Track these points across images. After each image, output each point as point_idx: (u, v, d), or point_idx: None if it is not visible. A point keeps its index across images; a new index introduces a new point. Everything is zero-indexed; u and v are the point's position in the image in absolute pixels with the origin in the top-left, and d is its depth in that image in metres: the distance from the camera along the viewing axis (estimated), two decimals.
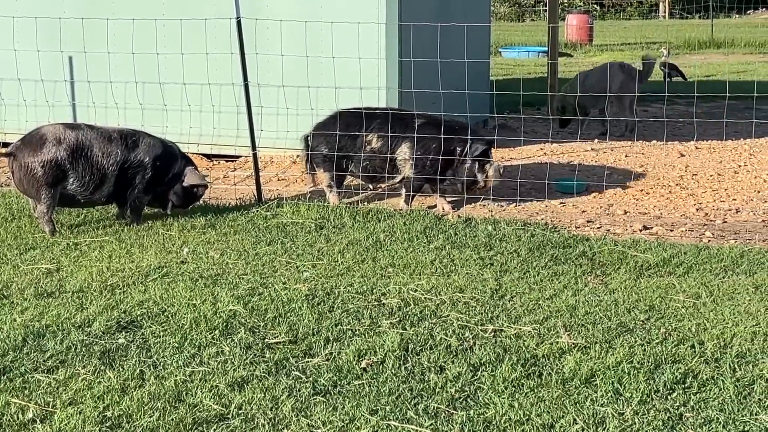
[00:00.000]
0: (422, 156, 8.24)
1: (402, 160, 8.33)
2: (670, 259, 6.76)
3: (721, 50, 27.92)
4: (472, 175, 8.24)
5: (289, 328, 5.40)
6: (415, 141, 8.23)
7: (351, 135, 8.42)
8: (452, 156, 8.22)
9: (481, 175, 8.22)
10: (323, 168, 8.59)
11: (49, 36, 10.57)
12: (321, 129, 8.61)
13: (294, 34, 9.93)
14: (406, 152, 8.29)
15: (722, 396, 4.55)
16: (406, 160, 8.31)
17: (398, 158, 8.34)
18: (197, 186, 7.99)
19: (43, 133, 7.44)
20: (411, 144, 8.26)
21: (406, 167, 8.33)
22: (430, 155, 8.23)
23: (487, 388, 4.64)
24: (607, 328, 5.39)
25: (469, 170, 8.22)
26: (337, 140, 8.39)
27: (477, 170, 8.22)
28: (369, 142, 8.39)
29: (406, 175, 8.38)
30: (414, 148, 8.25)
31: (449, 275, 6.41)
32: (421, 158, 8.24)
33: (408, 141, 8.28)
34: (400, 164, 8.36)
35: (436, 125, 8.30)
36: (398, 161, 8.35)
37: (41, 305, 5.75)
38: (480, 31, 12.18)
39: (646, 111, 14.29)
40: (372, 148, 8.38)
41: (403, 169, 8.36)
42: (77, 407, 4.41)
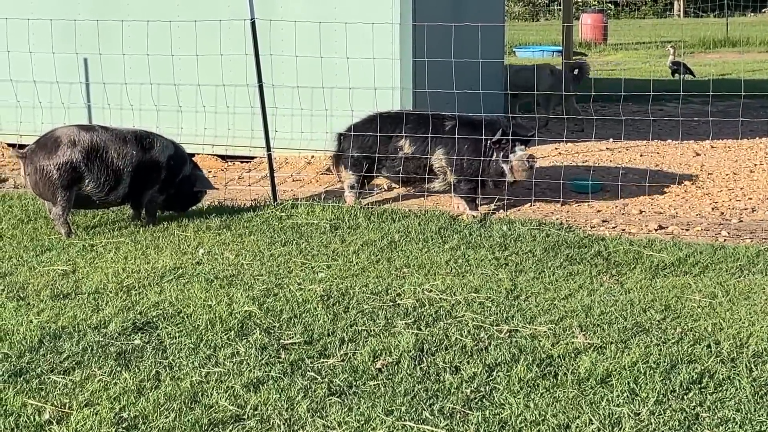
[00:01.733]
0: (459, 158, 8.13)
1: (439, 165, 8.25)
2: (685, 259, 6.74)
3: (737, 49, 27.83)
4: (500, 172, 8.11)
5: (305, 329, 5.40)
6: (450, 144, 8.14)
7: (384, 138, 8.33)
8: (485, 154, 8.10)
9: (507, 169, 8.06)
10: (351, 170, 8.53)
11: (65, 38, 10.60)
12: (354, 131, 8.55)
13: (308, 35, 9.94)
14: (441, 156, 8.20)
15: (739, 396, 4.53)
16: (443, 165, 8.23)
17: (434, 163, 8.26)
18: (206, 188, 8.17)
19: (57, 135, 7.47)
20: (446, 148, 8.18)
21: (447, 171, 8.24)
22: (464, 156, 8.13)
23: (503, 388, 4.64)
24: (623, 328, 5.38)
25: (496, 167, 8.11)
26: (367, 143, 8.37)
27: (504, 165, 8.06)
28: (401, 147, 8.30)
29: (448, 180, 8.25)
30: (449, 151, 8.16)
31: (464, 275, 6.41)
32: (458, 160, 8.13)
33: (442, 144, 8.20)
34: (437, 169, 8.27)
35: (468, 125, 8.18)
36: (435, 166, 8.27)
37: (57, 306, 5.77)
38: (494, 31, 12.16)
39: (662, 110, 14.26)
40: (405, 153, 8.29)
41: (441, 173, 8.27)
42: (93, 408, 4.42)
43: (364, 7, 10.04)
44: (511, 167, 8.03)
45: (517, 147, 8.05)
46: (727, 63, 23.50)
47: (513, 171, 8.04)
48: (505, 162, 8.04)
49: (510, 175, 8.08)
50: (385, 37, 9.94)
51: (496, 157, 8.07)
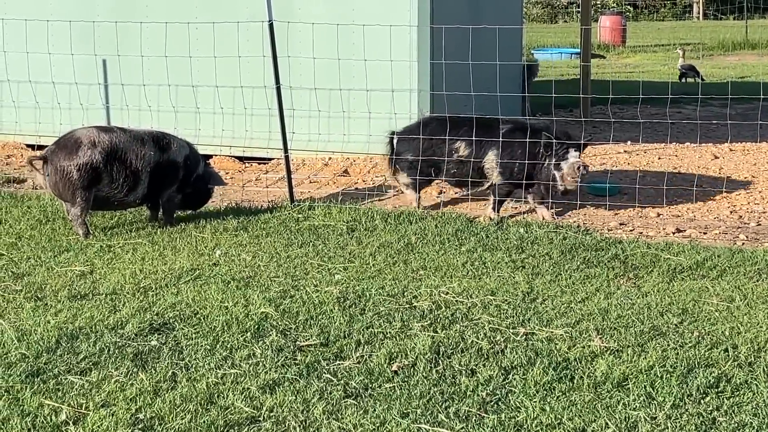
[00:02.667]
0: (508, 161, 8.07)
1: (489, 167, 8.20)
2: (703, 262, 6.72)
3: (756, 51, 27.71)
4: (552, 178, 8.01)
5: (321, 331, 5.41)
6: (502, 146, 8.09)
7: (438, 142, 8.28)
8: (536, 159, 8.03)
9: (559, 176, 7.96)
10: (407, 173, 8.48)
11: (83, 39, 10.64)
12: (408, 134, 8.51)
13: (326, 37, 9.96)
14: (492, 159, 8.17)
15: (756, 400, 4.51)
16: (493, 167, 8.18)
17: (485, 165, 8.21)
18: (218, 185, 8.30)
19: (77, 136, 7.50)
20: (497, 150, 8.14)
21: (494, 174, 8.19)
22: (516, 160, 8.09)
23: (519, 391, 4.63)
24: (640, 332, 5.36)
25: (547, 172, 8.01)
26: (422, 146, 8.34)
27: (556, 171, 7.97)
28: (456, 149, 8.25)
29: (493, 182, 8.22)
30: (500, 153, 8.12)
31: (481, 278, 6.40)
32: (507, 164, 8.11)
33: (494, 147, 8.14)
34: (487, 171, 8.22)
35: (521, 129, 8.15)
36: (486, 168, 8.22)
37: (75, 307, 5.79)
38: (512, 33, 12.15)
39: (680, 112, 14.21)
40: (460, 155, 8.24)
41: (491, 175, 8.23)
42: (110, 409, 4.43)
43: (381, 9, 10.04)
44: (561, 174, 7.94)
45: (569, 154, 7.94)
46: (746, 65, 23.41)
47: (563, 178, 7.95)
48: (557, 168, 7.96)
49: (560, 182, 7.98)
50: (403, 39, 9.95)
51: (548, 162, 7.99)
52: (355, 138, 10.22)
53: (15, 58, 10.93)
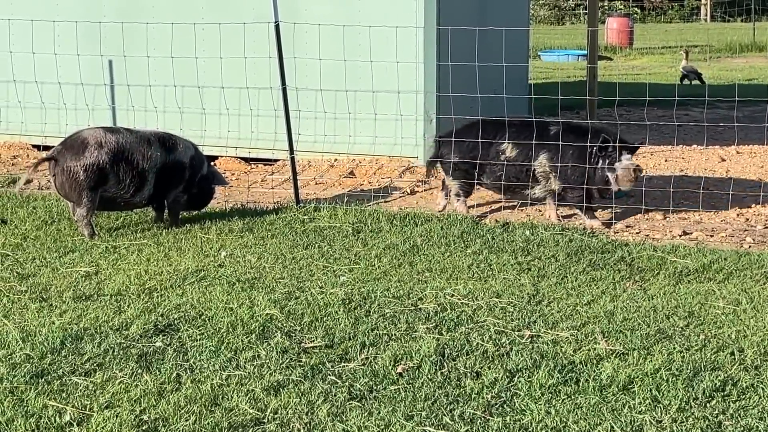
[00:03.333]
0: (563, 165, 7.94)
1: (542, 171, 8.05)
2: (710, 265, 6.70)
3: (764, 53, 27.66)
4: (605, 181, 7.89)
5: (326, 333, 5.40)
6: (555, 150, 7.93)
7: (484, 144, 8.14)
8: (589, 162, 7.88)
9: (612, 178, 7.84)
10: (453, 176, 8.34)
11: (89, 40, 10.65)
12: (453, 136, 8.34)
13: (332, 38, 9.94)
14: (545, 162, 8.02)
15: (762, 404, 4.49)
16: (547, 171, 8.04)
17: (537, 169, 8.05)
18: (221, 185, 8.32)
19: (84, 137, 7.50)
20: (550, 153, 7.99)
21: (550, 178, 8.04)
22: (569, 163, 7.92)
23: (524, 394, 4.61)
24: (646, 335, 5.34)
25: (601, 175, 7.87)
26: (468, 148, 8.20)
27: (610, 174, 7.83)
28: (503, 151, 8.13)
29: (551, 187, 8.08)
30: (553, 157, 7.97)
31: (486, 280, 6.39)
32: (563, 167, 7.95)
33: (546, 150, 7.99)
34: (540, 175, 8.07)
35: (573, 131, 8.00)
36: (537, 172, 8.07)
37: (80, 308, 5.79)
38: (518, 35, 12.13)
39: (687, 115, 14.18)
40: (507, 158, 8.10)
41: (544, 180, 8.08)
42: (114, 410, 4.42)
43: (388, 11, 10.03)
44: (616, 176, 7.81)
45: (623, 156, 7.82)
46: (753, 68, 23.36)
47: (618, 180, 7.83)
48: (611, 170, 7.83)
49: (614, 185, 7.85)
50: (409, 41, 9.93)
51: (602, 165, 7.86)
52: (361, 139, 10.22)
53: (21, 59, 10.94)
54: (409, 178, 9.72)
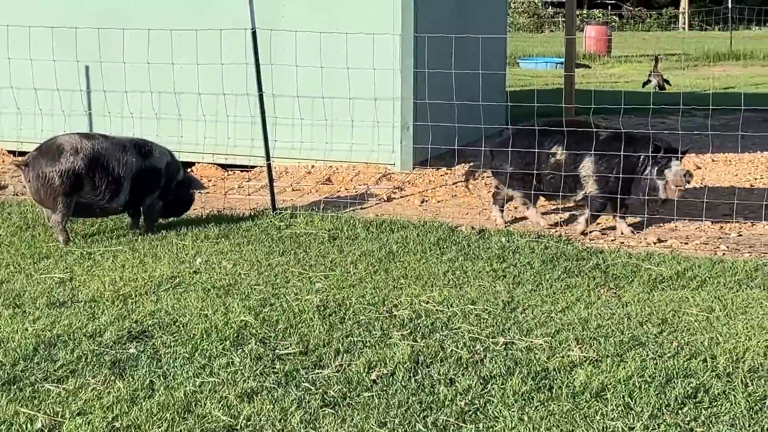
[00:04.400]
0: (605, 172, 7.82)
1: (585, 176, 7.92)
2: (684, 273, 6.73)
3: (740, 62, 27.82)
4: (653, 189, 7.74)
5: (300, 339, 5.39)
6: (599, 156, 7.82)
7: (534, 152, 7.99)
8: (634, 170, 7.76)
9: (662, 186, 7.70)
10: (511, 187, 8.21)
11: (66, 45, 10.61)
12: (503, 146, 8.21)
13: (309, 45, 9.95)
14: (588, 167, 7.91)
15: (733, 411, 4.52)
16: (588, 176, 7.91)
17: (581, 174, 7.92)
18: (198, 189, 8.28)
19: (60, 143, 7.47)
20: (593, 159, 7.86)
21: (589, 183, 7.93)
22: (613, 170, 7.79)
23: (497, 401, 4.62)
24: (619, 342, 5.36)
25: (649, 183, 7.73)
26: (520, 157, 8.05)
27: (659, 181, 7.70)
28: (553, 155, 7.98)
29: (587, 192, 7.96)
30: (597, 163, 7.85)
31: (461, 287, 6.40)
32: (604, 174, 7.83)
33: (590, 156, 7.86)
34: (583, 180, 7.94)
35: (620, 138, 7.82)
36: (581, 177, 7.93)
37: (53, 315, 5.76)
38: (496, 42, 12.18)
39: (664, 123, 14.24)
40: (556, 162, 7.95)
41: (586, 185, 7.95)
42: (86, 417, 4.41)
43: (365, 18, 10.04)
44: (665, 184, 7.70)
45: (672, 162, 7.69)
46: (730, 76, 23.50)
47: (667, 188, 7.70)
48: (660, 178, 7.71)
49: (663, 192, 7.73)
50: (387, 48, 9.95)
51: (651, 172, 7.74)
52: (338, 146, 10.23)
53: None
54: (386, 185, 9.72)
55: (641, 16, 51.81)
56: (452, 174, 10.12)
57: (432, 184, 9.81)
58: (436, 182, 9.86)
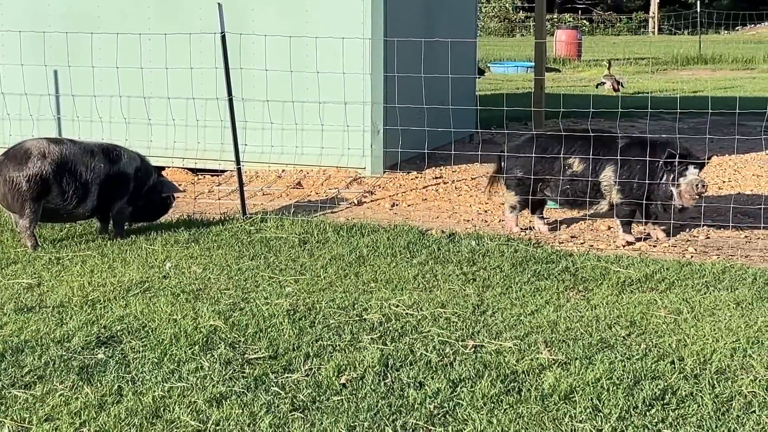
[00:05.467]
0: (627, 179, 7.75)
1: (607, 185, 7.84)
2: (652, 275, 6.76)
3: (709, 66, 28.03)
4: (668, 196, 7.68)
5: (270, 344, 5.38)
6: (620, 163, 7.74)
7: (548, 158, 7.96)
8: (653, 177, 7.69)
9: (676, 193, 7.64)
10: (514, 191, 8.15)
11: (34, 50, 10.56)
12: (515, 151, 8.17)
13: (279, 50, 9.95)
14: (610, 176, 7.82)
15: (701, 412, 4.55)
16: (611, 184, 7.83)
17: (602, 182, 7.85)
18: (173, 195, 8.20)
19: (27, 147, 7.43)
20: (615, 167, 7.78)
21: (612, 192, 7.86)
22: (635, 178, 7.73)
23: (466, 404, 4.63)
24: (588, 344, 5.39)
25: (664, 191, 7.68)
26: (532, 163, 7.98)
27: (674, 189, 7.63)
28: (570, 165, 7.92)
29: (614, 201, 7.88)
30: (618, 171, 7.77)
31: (431, 290, 6.41)
32: (626, 182, 7.76)
33: (612, 164, 7.79)
34: (605, 188, 7.87)
35: (641, 145, 7.77)
36: (603, 185, 7.86)
37: (21, 320, 5.72)
38: (466, 47, 12.21)
39: (633, 126, 14.32)
40: (573, 172, 7.90)
41: (609, 194, 7.88)
42: (53, 423, 4.38)
43: (335, 22, 10.05)
44: (679, 191, 7.61)
45: (688, 170, 7.61)
46: (699, 80, 23.66)
47: (681, 196, 7.62)
48: (675, 185, 7.63)
49: (678, 200, 7.65)
50: (356, 52, 9.96)
51: (666, 179, 7.66)
52: (309, 150, 10.23)
53: None
54: (357, 189, 9.73)
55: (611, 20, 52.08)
56: (422, 178, 10.14)
57: (402, 188, 9.82)
58: (406, 186, 9.87)
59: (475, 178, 10.26)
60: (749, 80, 23.34)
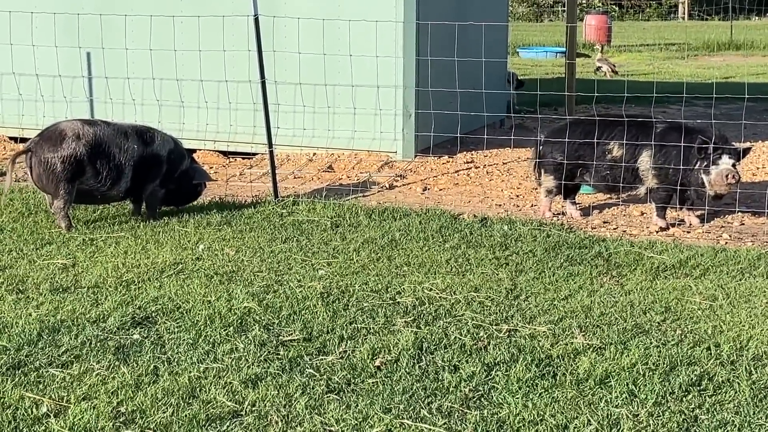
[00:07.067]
0: (663, 165, 7.71)
1: (644, 170, 7.82)
2: (686, 261, 6.73)
3: (741, 52, 27.80)
4: (701, 183, 7.64)
5: (304, 326, 5.39)
6: (656, 149, 7.71)
7: (589, 143, 7.94)
8: (688, 163, 7.63)
9: (707, 180, 7.59)
10: (553, 175, 8.11)
11: (67, 32, 10.60)
12: (555, 135, 8.16)
13: (311, 32, 9.93)
14: (646, 161, 7.79)
15: (738, 399, 4.52)
16: (648, 169, 7.80)
17: (640, 167, 7.82)
18: (204, 183, 8.21)
19: (62, 128, 7.47)
20: (651, 152, 7.74)
21: (649, 177, 7.81)
22: (671, 164, 7.69)
23: (501, 387, 4.63)
24: (623, 329, 5.37)
25: (696, 178, 7.64)
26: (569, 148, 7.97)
27: (705, 176, 7.59)
28: (609, 150, 7.89)
29: (650, 186, 7.85)
30: (654, 156, 7.73)
31: (464, 274, 6.40)
32: (662, 167, 7.72)
33: (648, 149, 7.76)
34: (642, 174, 7.84)
35: (678, 130, 7.71)
36: (641, 170, 7.83)
37: (57, 300, 5.76)
38: (497, 31, 12.16)
39: (665, 112, 14.23)
40: (613, 157, 7.87)
41: (646, 179, 7.84)
42: (91, 402, 4.41)
43: (368, 5, 10.03)
44: (710, 179, 7.56)
45: (721, 159, 7.54)
46: (731, 66, 23.48)
47: (711, 183, 7.56)
48: (706, 173, 7.58)
49: (709, 187, 7.60)
50: (389, 35, 9.94)
51: (699, 166, 7.60)
52: (340, 134, 10.22)
53: None
54: (388, 173, 9.72)
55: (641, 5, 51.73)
56: (454, 162, 10.12)
57: (434, 172, 9.80)
58: (438, 170, 9.86)
59: (506, 163, 10.23)
60: None
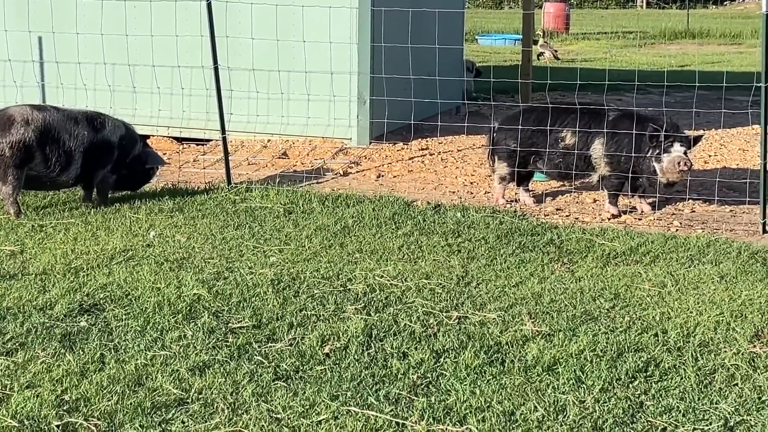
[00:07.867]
0: (615, 152, 7.73)
1: (597, 157, 7.83)
2: (637, 248, 6.77)
3: (697, 40, 28.00)
4: (653, 171, 7.66)
5: (253, 313, 5.37)
6: (609, 136, 7.74)
7: (542, 130, 7.93)
8: (639, 151, 7.65)
9: (659, 168, 7.60)
10: (507, 162, 8.10)
11: (18, 16, 10.46)
12: (509, 123, 8.16)
13: (265, 18, 9.87)
14: (599, 148, 7.81)
15: (683, 385, 4.55)
16: (600, 156, 7.81)
17: (593, 155, 7.84)
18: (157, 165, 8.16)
19: (10, 113, 7.38)
20: (604, 139, 7.77)
21: (602, 164, 7.83)
22: (623, 151, 7.72)
23: (450, 374, 4.63)
24: (572, 316, 5.39)
25: (648, 165, 7.66)
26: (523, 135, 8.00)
27: (656, 164, 7.60)
28: (562, 138, 7.89)
29: (602, 173, 7.88)
30: (607, 143, 7.76)
31: (416, 261, 6.40)
32: (614, 155, 7.75)
33: (601, 136, 7.78)
34: (595, 161, 7.85)
35: (630, 118, 7.75)
36: (593, 158, 7.85)
37: (3, 287, 5.69)
38: (454, 18, 12.16)
39: (620, 100, 14.30)
40: (566, 145, 7.86)
41: (599, 166, 7.86)
42: (35, 390, 4.36)
43: None
44: (662, 167, 7.57)
45: (673, 146, 7.55)
46: (686, 54, 23.64)
47: (663, 171, 7.58)
48: (657, 160, 7.59)
49: (661, 175, 7.61)
50: (344, 21, 9.90)
51: (651, 154, 7.61)
52: (295, 120, 10.17)
53: None
54: (343, 160, 9.69)
55: None
56: (408, 149, 10.11)
57: (388, 159, 9.79)
58: (392, 157, 9.84)
59: (461, 150, 10.24)
60: (736, 55, 23.32)
